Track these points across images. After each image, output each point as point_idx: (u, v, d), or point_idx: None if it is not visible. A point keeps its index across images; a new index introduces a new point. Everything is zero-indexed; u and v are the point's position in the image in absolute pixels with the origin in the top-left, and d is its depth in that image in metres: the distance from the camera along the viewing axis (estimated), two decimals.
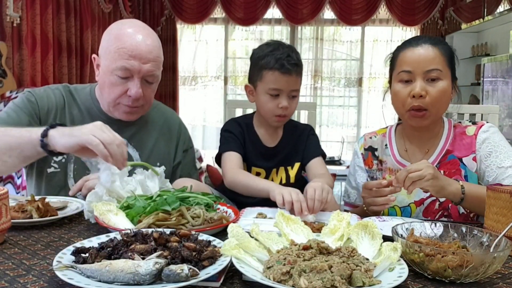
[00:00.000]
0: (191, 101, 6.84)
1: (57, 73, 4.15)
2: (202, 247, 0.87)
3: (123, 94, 1.44)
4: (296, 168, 1.63)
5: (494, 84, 4.60)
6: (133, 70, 1.40)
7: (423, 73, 1.35)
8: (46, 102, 1.50)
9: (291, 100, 1.54)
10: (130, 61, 1.39)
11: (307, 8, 6.31)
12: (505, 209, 1.05)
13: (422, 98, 1.34)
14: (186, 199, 1.22)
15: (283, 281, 0.78)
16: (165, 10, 6.46)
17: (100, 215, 1.09)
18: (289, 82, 1.50)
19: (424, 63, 1.35)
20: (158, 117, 1.65)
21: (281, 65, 1.48)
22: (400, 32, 6.47)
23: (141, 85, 1.43)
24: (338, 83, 6.70)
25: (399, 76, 1.39)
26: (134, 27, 1.46)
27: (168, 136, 1.64)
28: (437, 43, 1.39)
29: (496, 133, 1.43)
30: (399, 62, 1.41)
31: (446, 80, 1.36)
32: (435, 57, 1.35)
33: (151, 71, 1.43)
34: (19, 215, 1.14)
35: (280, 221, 1.02)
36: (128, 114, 1.49)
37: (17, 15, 3.54)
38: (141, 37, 1.43)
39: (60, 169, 1.49)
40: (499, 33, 5.22)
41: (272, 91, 1.52)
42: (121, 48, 1.40)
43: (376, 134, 1.58)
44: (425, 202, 1.43)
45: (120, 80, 1.42)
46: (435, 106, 1.36)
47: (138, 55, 1.40)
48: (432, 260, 0.84)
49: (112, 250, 0.85)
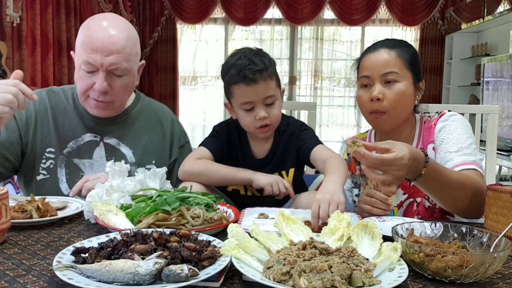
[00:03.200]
0: (191, 101, 6.84)
1: (57, 73, 4.15)
2: (202, 247, 0.87)
3: (91, 88, 1.40)
4: (292, 174, 1.55)
5: (494, 84, 4.60)
6: (96, 64, 1.36)
7: (379, 77, 1.37)
8: (23, 113, 1.47)
9: (269, 108, 1.43)
10: (92, 55, 1.35)
11: (307, 8, 6.32)
12: (505, 209, 1.05)
13: (380, 102, 1.36)
14: (186, 199, 1.22)
15: (283, 281, 0.77)
16: (165, 10, 6.47)
17: (100, 215, 1.09)
18: (258, 91, 1.40)
19: (380, 67, 1.37)
20: (149, 113, 1.61)
21: (243, 77, 1.38)
22: (400, 32, 6.48)
23: (108, 79, 1.38)
24: (338, 83, 6.71)
25: (360, 81, 1.43)
26: (102, 20, 1.41)
27: (161, 133, 1.61)
28: (395, 46, 1.40)
29: (456, 121, 1.41)
30: (360, 68, 1.45)
31: (404, 82, 1.37)
32: (390, 60, 1.38)
33: (115, 64, 1.37)
34: (19, 215, 1.14)
35: (280, 221, 1.02)
36: (99, 109, 1.45)
37: (17, 15, 3.54)
38: (105, 29, 1.38)
39: (50, 175, 1.48)
40: (499, 33, 5.22)
41: (244, 105, 1.42)
42: (85, 42, 1.37)
43: (357, 138, 1.57)
44: (404, 204, 1.43)
45: (86, 75, 1.38)
46: (394, 108, 1.37)
47: (100, 47, 1.35)
48: (432, 260, 0.84)
49: (112, 250, 0.85)
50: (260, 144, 1.54)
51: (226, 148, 1.53)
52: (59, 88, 1.58)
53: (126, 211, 1.14)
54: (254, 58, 1.41)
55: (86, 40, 1.37)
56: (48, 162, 1.48)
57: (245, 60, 1.40)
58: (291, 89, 6.61)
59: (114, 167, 1.26)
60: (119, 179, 1.24)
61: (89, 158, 1.50)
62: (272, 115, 1.43)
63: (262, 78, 1.39)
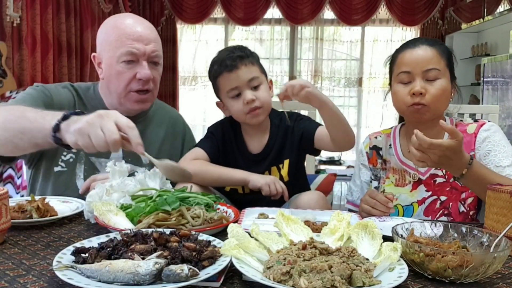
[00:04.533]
0: (191, 101, 6.84)
1: (57, 73, 4.15)
2: (202, 247, 0.87)
3: (132, 80, 1.44)
4: (286, 165, 1.56)
5: (494, 84, 4.60)
6: (138, 53, 1.42)
7: (421, 73, 1.37)
8: (59, 99, 1.48)
9: (256, 91, 1.46)
10: (133, 44, 1.41)
11: (307, 8, 6.31)
12: (505, 209, 1.05)
13: (422, 96, 1.36)
14: (186, 199, 1.22)
15: (283, 281, 0.77)
16: (165, 10, 6.47)
17: (100, 215, 1.09)
18: (240, 75, 1.44)
19: (422, 63, 1.37)
20: (163, 116, 1.65)
21: (225, 66, 1.45)
22: (400, 32, 6.47)
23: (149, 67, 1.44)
24: (338, 83, 6.70)
25: (399, 77, 1.41)
26: (128, 16, 1.50)
27: (173, 135, 1.64)
28: (435, 43, 1.41)
29: (497, 132, 1.43)
30: (398, 64, 1.43)
31: (444, 79, 1.38)
32: (433, 57, 1.38)
33: (155, 51, 1.45)
34: (19, 215, 1.14)
35: (280, 221, 1.02)
36: (139, 103, 1.49)
37: (17, 15, 3.54)
38: (137, 22, 1.46)
39: (67, 169, 1.48)
40: (499, 33, 5.22)
41: (230, 92, 1.47)
42: (121, 34, 1.42)
43: (381, 133, 1.60)
44: (426, 201, 1.43)
45: (127, 67, 1.42)
46: (435, 103, 1.37)
47: (140, 37, 1.42)
48: (432, 260, 0.84)
49: (112, 250, 0.85)
50: (255, 139, 1.56)
51: (222, 148, 1.55)
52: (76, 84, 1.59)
53: (126, 211, 1.14)
54: (234, 49, 1.48)
55: (122, 34, 1.42)
56: (69, 155, 1.48)
57: (225, 52, 1.48)
58: None
59: (114, 167, 1.26)
60: (119, 179, 1.24)
61: (106, 158, 1.50)
62: (259, 97, 1.46)
63: (243, 64, 1.45)
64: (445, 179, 1.42)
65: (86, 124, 1.08)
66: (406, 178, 1.48)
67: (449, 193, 1.42)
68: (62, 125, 1.14)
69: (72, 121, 1.13)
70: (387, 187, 1.50)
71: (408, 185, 1.47)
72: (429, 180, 1.44)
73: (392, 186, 1.49)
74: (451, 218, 1.41)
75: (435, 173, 1.44)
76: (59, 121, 1.14)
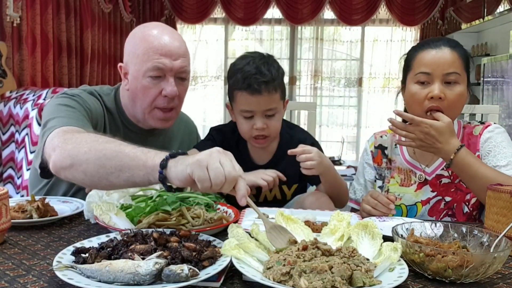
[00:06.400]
0: (191, 101, 6.84)
1: (57, 73, 4.15)
2: (202, 247, 0.87)
3: (158, 96, 1.38)
4: (294, 188, 1.53)
5: (494, 84, 4.60)
6: (165, 69, 1.36)
7: (442, 76, 1.34)
8: (95, 110, 1.40)
9: (268, 119, 1.40)
10: (160, 59, 1.35)
11: (307, 8, 6.31)
12: (505, 209, 1.05)
13: (441, 100, 1.33)
14: (186, 199, 1.22)
15: (283, 282, 0.77)
16: (165, 10, 6.46)
17: (100, 215, 1.09)
18: (260, 103, 1.37)
19: (443, 66, 1.34)
20: (179, 123, 1.62)
21: (248, 85, 1.36)
22: (400, 32, 6.47)
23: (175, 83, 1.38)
24: (338, 83, 6.70)
25: (417, 77, 1.37)
26: (158, 27, 1.42)
27: (188, 142, 1.64)
28: (456, 46, 1.38)
29: (501, 133, 1.43)
30: (416, 63, 1.39)
31: (462, 84, 1.36)
32: (454, 60, 1.35)
33: (183, 67, 1.39)
34: (19, 215, 1.14)
35: (280, 221, 1.02)
36: (162, 122, 1.44)
37: (17, 15, 3.54)
38: (167, 35, 1.39)
39: None
40: (499, 33, 5.22)
41: (244, 113, 1.41)
42: (149, 48, 1.35)
43: (387, 133, 1.59)
44: (431, 201, 1.43)
45: (153, 82, 1.37)
46: (452, 109, 1.35)
47: (168, 52, 1.36)
48: (432, 260, 0.84)
49: (112, 250, 0.85)
50: (258, 150, 1.52)
51: None
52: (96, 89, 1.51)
53: (126, 211, 1.14)
54: (263, 66, 1.37)
55: (150, 47, 1.35)
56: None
57: (253, 68, 1.37)
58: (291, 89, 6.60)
59: None
60: None
61: None
62: (270, 126, 1.41)
63: (267, 90, 1.36)
64: (451, 180, 1.42)
65: (205, 156, 0.96)
66: (412, 178, 1.47)
67: (454, 194, 1.41)
68: (170, 162, 1.00)
69: (180, 159, 1.00)
70: (392, 187, 1.49)
71: (413, 185, 1.46)
72: (435, 181, 1.43)
73: (397, 186, 1.49)
74: (455, 219, 1.41)
75: (441, 174, 1.43)
76: (167, 158, 1.01)
